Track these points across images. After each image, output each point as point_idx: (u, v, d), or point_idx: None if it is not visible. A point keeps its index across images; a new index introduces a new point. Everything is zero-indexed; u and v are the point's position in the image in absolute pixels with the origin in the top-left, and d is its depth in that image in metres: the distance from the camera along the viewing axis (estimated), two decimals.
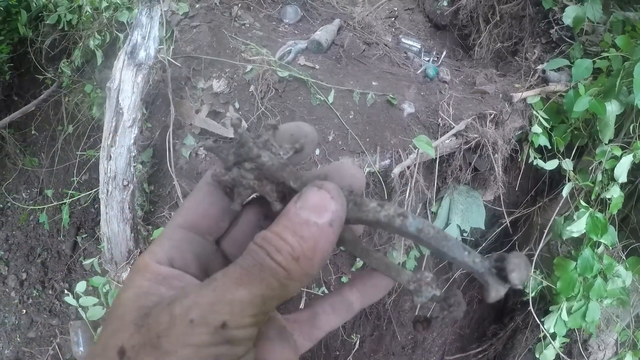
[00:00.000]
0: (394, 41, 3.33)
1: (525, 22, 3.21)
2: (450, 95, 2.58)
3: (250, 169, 0.43)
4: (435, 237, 0.39)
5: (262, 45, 2.69)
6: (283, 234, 0.37)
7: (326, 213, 0.38)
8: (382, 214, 0.40)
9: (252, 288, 0.36)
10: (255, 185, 0.43)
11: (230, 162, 0.44)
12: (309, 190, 0.39)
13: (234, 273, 0.37)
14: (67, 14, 3.31)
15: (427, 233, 0.39)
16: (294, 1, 3.34)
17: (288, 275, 0.36)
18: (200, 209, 0.45)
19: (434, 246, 0.40)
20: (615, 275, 2.67)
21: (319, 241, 0.37)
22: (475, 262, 0.39)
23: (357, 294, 0.49)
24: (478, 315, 3.48)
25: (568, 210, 2.67)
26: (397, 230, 0.40)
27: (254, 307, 0.36)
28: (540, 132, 2.57)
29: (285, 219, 0.38)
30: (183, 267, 0.43)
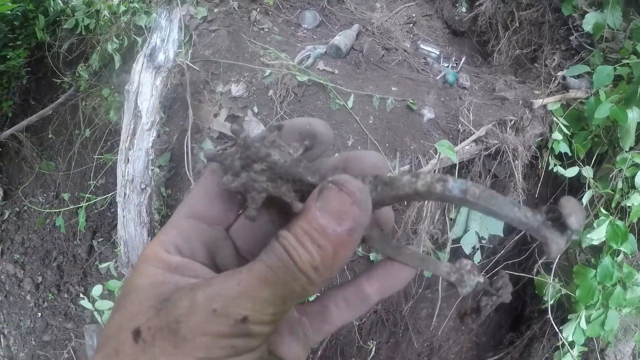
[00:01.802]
0: (413, 47, 3.32)
1: (544, 28, 3.19)
2: (470, 101, 2.57)
3: (261, 170, 0.41)
4: (483, 197, 0.38)
5: (280, 49, 2.70)
6: (302, 239, 0.36)
7: (346, 220, 0.36)
8: (420, 183, 0.38)
9: (275, 289, 0.36)
10: (269, 187, 0.40)
11: (237, 168, 0.41)
12: (329, 190, 0.37)
13: (260, 271, 0.36)
14: (85, 18, 3.32)
15: (473, 193, 0.38)
16: (313, 6, 3.35)
17: (309, 282, 0.36)
18: (207, 199, 0.44)
19: (482, 206, 0.38)
20: (635, 284, 2.65)
21: (337, 251, 0.36)
22: (527, 217, 0.37)
23: (376, 285, 0.46)
24: (495, 322, 3.46)
25: (588, 218, 2.65)
26: (439, 197, 0.38)
27: (274, 306, 0.36)
28: (560, 138, 2.56)
29: (304, 222, 0.37)
30: (191, 255, 0.42)
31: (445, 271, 0.42)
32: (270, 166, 0.40)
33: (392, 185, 0.39)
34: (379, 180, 0.40)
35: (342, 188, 0.37)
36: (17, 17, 3.47)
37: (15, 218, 4.15)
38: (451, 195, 0.38)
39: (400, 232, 2.45)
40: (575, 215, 0.36)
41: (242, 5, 2.97)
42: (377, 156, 0.45)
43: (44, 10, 3.54)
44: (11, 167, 4.17)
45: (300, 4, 3.34)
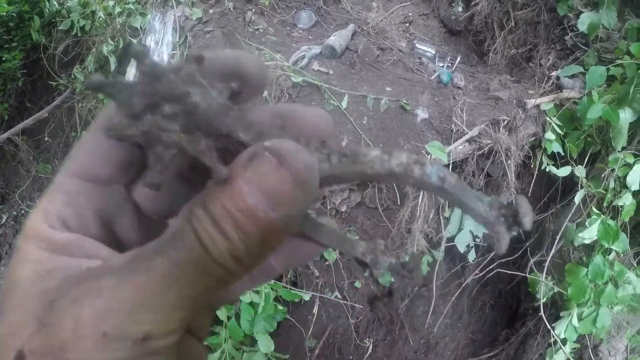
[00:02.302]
0: (408, 46, 3.34)
1: (540, 28, 3.20)
2: (464, 101, 2.60)
3: (173, 114, 0.30)
4: (458, 187, 0.34)
5: (275, 50, 2.72)
6: (222, 221, 0.28)
7: (284, 205, 0.29)
8: (394, 162, 0.32)
9: (184, 290, 0.29)
10: (183, 140, 0.29)
11: (138, 107, 0.29)
12: (265, 160, 0.29)
13: (163, 269, 0.28)
14: (80, 19, 3.34)
15: (450, 182, 0.34)
16: (308, 6, 3.37)
17: (229, 274, 0.29)
18: (100, 151, 0.33)
19: (457, 197, 0.34)
20: (626, 282, 2.67)
21: (268, 239, 0.29)
22: (486, 211, 0.34)
23: (282, 259, 0.39)
24: (490, 320, 3.49)
25: (580, 216, 2.68)
26: (414, 182, 0.33)
27: (184, 310, 0.29)
28: (553, 138, 2.58)
29: (227, 198, 0.28)
30: (81, 228, 0.33)
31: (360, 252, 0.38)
32: (188, 110, 0.30)
33: (356, 159, 0.33)
34: (332, 150, 0.33)
35: (283, 161, 0.29)
36: (12, 18, 3.49)
37: (12, 222, 4.17)
38: (428, 182, 0.33)
39: (395, 232, 2.48)
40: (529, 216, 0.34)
41: (238, 6, 2.99)
42: (321, 115, 0.37)
43: (39, 12, 3.56)
44: (7, 170, 4.19)
45: (296, 4, 3.36)
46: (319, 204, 2.41)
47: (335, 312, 2.75)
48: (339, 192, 2.43)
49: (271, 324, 2.30)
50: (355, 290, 2.71)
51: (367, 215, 2.55)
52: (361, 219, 2.55)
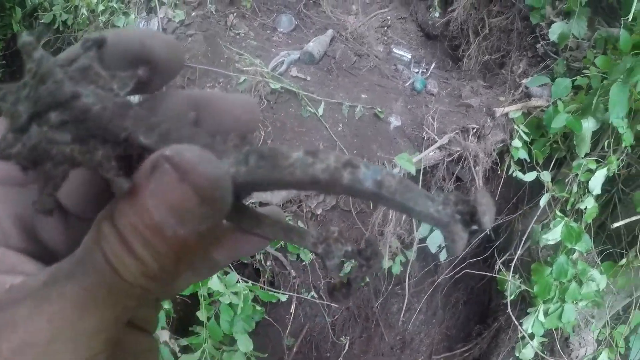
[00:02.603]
0: (386, 51, 3.41)
1: (513, 35, 3.27)
2: (436, 109, 2.68)
3: (62, 122, 0.25)
4: (400, 191, 0.29)
5: (255, 55, 2.78)
6: (130, 240, 0.25)
7: (192, 221, 0.25)
8: (319, 167, 0.27)
9: (102, 314, 0.26)
10: (76, 153, 0.25)
11: (24, 117, 0.25)
12: (164, 173, 0.24)
13: (74, 297, 0.25)
14: (63, 13, 3.31)
15: (389, 187, 0.28)
16: (289, 10, 3.42)
17: (145, 292, 0.26)
18: None
19: (398, 202, 0.29)
20: (590, 279, 2.77)
21: (182, 257, 0.26)
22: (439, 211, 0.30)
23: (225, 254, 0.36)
24: (464, 315, 3.58)
25: (546, 218, 2.77)
26: (345, 190, 0.28)
27: (106, 332, 0.26)
28: (520, 146, 2.67)
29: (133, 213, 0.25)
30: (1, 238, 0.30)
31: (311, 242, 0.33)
32: (78, 116, 0.25)
33: (275, 162, 0.27)
34: (251, 150, 0.28)
35: (184, 176, 0.24)
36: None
37: None
38: (362, 189, 0.28)
39: (368, 234, 2.57)
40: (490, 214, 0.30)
41: (219, 9, 3.02)
42: (244, 103, 0.32)
43: (20, 2, 3.50)
44: None
45: (277, 7, 3.41)
46: (294, 207, 2.51)
47: (312, 311, 2.82)
48: (314, 195, 2.51)
49: (250, 324, 2.35)
50: None
51: (342, 218, 2.64)
52: (336, 221, 2.63)
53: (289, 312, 2.71)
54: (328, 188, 0.29)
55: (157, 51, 0.29)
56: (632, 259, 2.80)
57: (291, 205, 2.50)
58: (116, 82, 0.27)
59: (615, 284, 2.89)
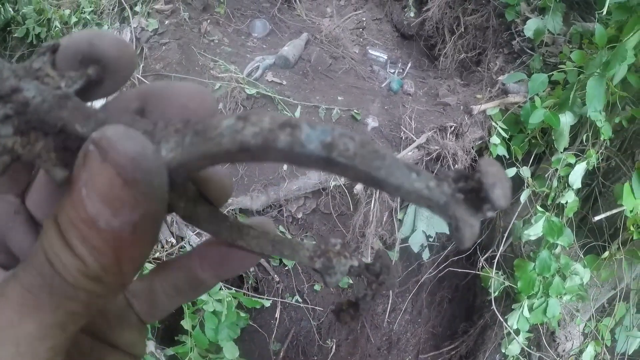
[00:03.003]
0: (361, 52, 3.42)
1: (488, 33, 3.30)
2: (413, 108, 2.69)
3: (5, 116, 0.25)
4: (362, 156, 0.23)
5: (230, 61, 2.77)
6: (69, 236, 0.23)
7: (124, 210, 0.23)
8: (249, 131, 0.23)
9: (43, 318, 0.24)
10: (16, 145, 0.26)
11: None
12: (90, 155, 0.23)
13: (16, 297, 0.24)
14: (36, 27, 3.28)
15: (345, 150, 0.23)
16: (263, 14, 3.41)
17: (91, 296, 0.25)
18: None
19: (361, 170, 0.24)
20: (573, 273, 2.79)
21: (122, 252, 0.24)
22: (430, 188, 0.24)
23: (210, 272, 0.34)
24: (449, 314, 3.58)
25: (527, 214, 2.78)
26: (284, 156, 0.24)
27: (50, 339, 0.25)
28: (498, 142, 2.68)
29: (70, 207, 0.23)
30: None
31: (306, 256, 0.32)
32: (20, 110, 0.26)
33: (205, 135, 0.24)
34: (190, 129, 0.25)
35: (104, 155, 0.22)
36: None
37: None
38: (306, 153, 0.23)
39: (349, 236, 2.56)
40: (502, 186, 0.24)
41: (193, 16, 3.01)
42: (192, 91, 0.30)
43: None
44: None
45: (251, 13, 3.40)
46: (275, 212, 2.49)
47: (297, 315, 2.82)
48: (294, 199, 2.50)
49: (235, 331, 2.34)
50: (315, 293, 2.79)
51: (323, 221, 2.63)
52: (317, 224, 2.63)
53: (274, 317, 2.70)
54: (262, 155, 0.24)
55: (105, 50, 0.28)
56: (615, 251, 2.81)
57: (271, 210, 2.49)
58: (64, 81, 0.27)
59: (599, 277, 2.91)
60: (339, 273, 0.31)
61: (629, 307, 3.03)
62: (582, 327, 3.17)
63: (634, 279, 2.96)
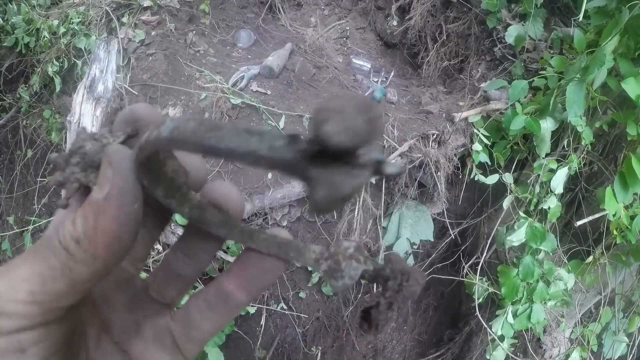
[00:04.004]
0: (345, 61, 3.44)
1: (470, 40, 3.33)
2: (396, 117, 2.71)
3: (77, 162, 0.38)
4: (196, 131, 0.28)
5: (216, 71, 2.79)
6: (76, 211, 0.34)
7: (104, 186, 0.33)
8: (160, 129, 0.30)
9: (32, 265, 0.32)
10: (80, 177, 0.38)
11: (63, 165, 0.39)
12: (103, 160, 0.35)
13: (26, 252, 0.34)
14: (25, 36, 3.28)
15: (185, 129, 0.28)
16: (248, 25, 3.44)
17: (69, 256, 0.32)
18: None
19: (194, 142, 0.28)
20: (557, 279, 2.80)
21: (98, 220, 0.32)
22: (275, 147, 0.25)
23: (235, 281, 0.40)
24: (435, 321, 3.60)
25: (511, 220, 2.81)
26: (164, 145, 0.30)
27: (30, 284, 0.32)
28: (480, 149, 2.70)
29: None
30: None
31: (313, 258, 0.34)
32: (82, 157, 0.38)
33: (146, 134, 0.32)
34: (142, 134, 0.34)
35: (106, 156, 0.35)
36: None
37: None
38: (161, 138, 0.30)
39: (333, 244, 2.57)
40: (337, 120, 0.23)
41: (179, 27, 3.02)
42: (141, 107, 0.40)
43: None
44: None
45: (236, 23, 3.42)
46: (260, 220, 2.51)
47: (282, 322, 2.82)
48: (279, 207, 2.52)
49: (220, 337, 2.35)
50: (300, 300, 2.80)
51: (307, 229, 2.65)
52: (302, 232, 2.64)
53: (259, 324, 2.71)
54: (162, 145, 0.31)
55: (140, 113, 0.40)
56: (599, 256, 2.83)
57: (256, 218, 2.50)
58: (112, 138, 0.39)
59: (584, 282, 2.93)
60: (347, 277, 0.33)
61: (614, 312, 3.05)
62: (569, 333, 3.19)
63: (620, 283, 2.99)
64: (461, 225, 3.10)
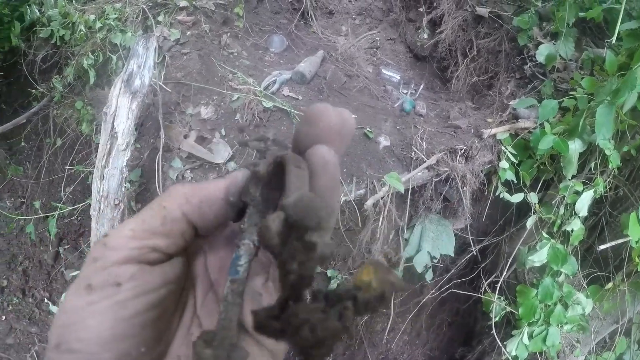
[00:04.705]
0: (375, 72, 3.46)
1: (501, 57, 3.31)
2: (424, 129, 2.72)
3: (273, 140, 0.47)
4: None
5: (248, 74, 2.82)
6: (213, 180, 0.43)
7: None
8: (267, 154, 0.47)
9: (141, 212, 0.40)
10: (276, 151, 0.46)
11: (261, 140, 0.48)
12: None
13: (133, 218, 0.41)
14: (60, 29, 3.32)
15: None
16: (280, 30, 3.47)
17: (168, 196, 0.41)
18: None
19: None
20: (575, 303, 2.78)
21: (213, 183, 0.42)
22: None
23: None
24: (448, 337, 3.59)
25: (533, 240, 2.79)
26: None
27: (133, 223, 0.39)
28: (507, 167, 2.69)
29: None
30: None
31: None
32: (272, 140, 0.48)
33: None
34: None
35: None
36: None
37: None
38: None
39: (355, 251, 2.58)
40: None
41: (213, 29, 3.06)
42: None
43: (19, 16, 3.50)
44: None
45: (269, 28, 3.46)
46: None
47: None
48: None
49: None
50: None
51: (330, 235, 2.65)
52: None
53: None
54: None
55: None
56: (619, 282, 2.81)
57: None
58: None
59: (602, 309, 2.90)
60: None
61: (629, 343, 3.01)
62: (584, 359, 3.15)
63: (638, 313, 2.95)
64: (482, 242, 3.09)
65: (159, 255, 0.39)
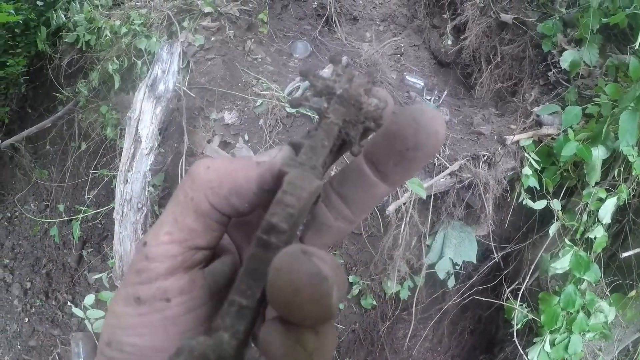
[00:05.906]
0: (399, 78, 3.46)
1: (525, 63, 3.30)
2: (447, 135, 2.72)
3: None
4: None
5: (272, 80, 2.84)
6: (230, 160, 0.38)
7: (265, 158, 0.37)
8: None
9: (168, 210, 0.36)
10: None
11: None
12: None
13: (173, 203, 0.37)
14: (86, 34, 3.38)
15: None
16: (304, 36, 3.49)
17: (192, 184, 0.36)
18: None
19: None
20: (598, 311, 2.76)
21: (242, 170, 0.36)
22: None
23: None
24: (470, 344, 3.56)
25: (556, 247, 2.77)
26: None
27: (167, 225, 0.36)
28: (530, 173, 2.68)
29: None
30: None
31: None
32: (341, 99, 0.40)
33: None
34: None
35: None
36: (18, 25, 3.49)
37: (6, 223, 4.21)
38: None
39: (377, 257, 2.59)
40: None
41: (238, 35, 3.09)
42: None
43: (45, 21, 3.58)
44: (4, 172, 4.25)
45: (293, 34, 3.48)
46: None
47: None
48: None
49: None
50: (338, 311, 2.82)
51: (352, 241, 2.67)
52: (346, 243, 2.66)
53: None
54: None
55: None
56: None
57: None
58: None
59: (624, 317, 2.87)
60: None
61: None
62: None
63: None
64: (505, 249, 3.08)
65: (204, 253, 0.37)
